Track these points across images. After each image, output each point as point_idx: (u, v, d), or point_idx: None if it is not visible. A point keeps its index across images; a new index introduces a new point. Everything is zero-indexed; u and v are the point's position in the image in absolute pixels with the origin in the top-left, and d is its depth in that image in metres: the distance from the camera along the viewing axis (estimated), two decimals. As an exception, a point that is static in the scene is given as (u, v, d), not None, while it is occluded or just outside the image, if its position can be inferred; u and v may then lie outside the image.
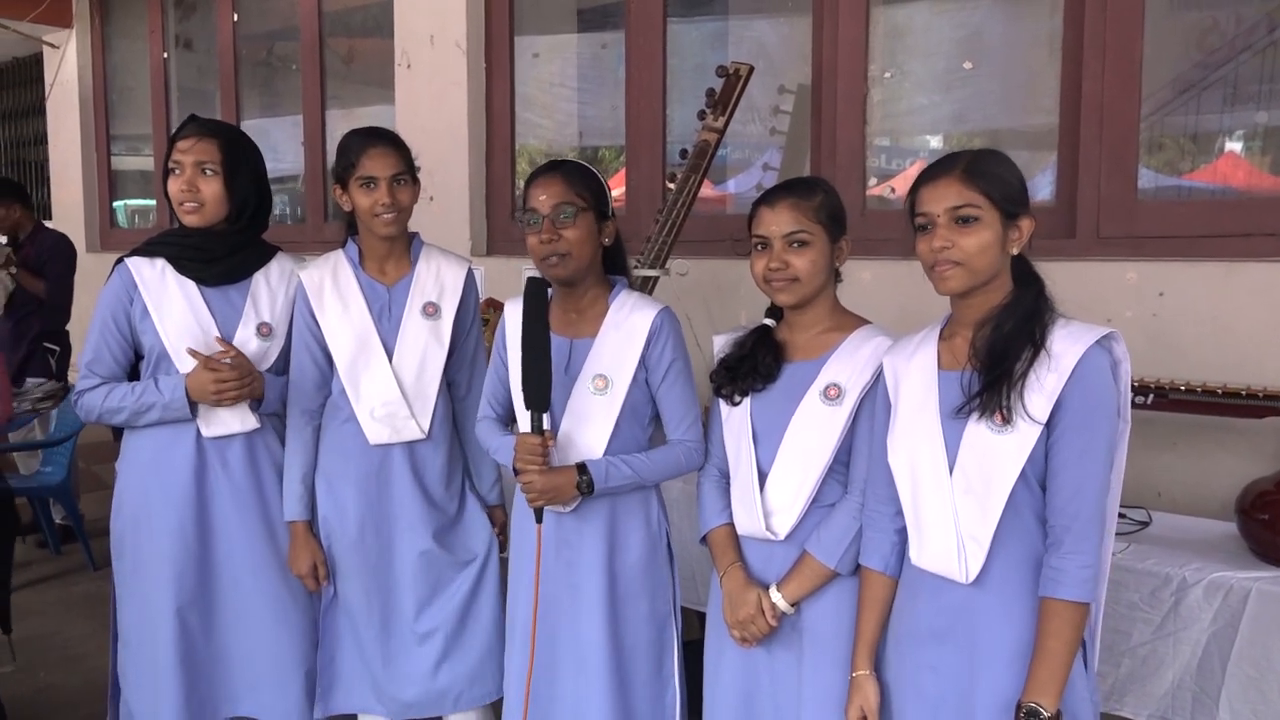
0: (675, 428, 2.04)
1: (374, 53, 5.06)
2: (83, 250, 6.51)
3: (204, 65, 6.18)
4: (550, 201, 1.97)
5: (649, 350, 2.01)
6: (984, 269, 1.58)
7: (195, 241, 2.29)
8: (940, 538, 1.60)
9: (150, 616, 2.29)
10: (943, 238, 1.57)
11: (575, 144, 4.56)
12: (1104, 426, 1.52)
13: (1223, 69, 2.90)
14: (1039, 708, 1.49)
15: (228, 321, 2.29)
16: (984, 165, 1.59)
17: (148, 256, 2.30)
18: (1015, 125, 3.37)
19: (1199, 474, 2.54)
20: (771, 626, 1.84)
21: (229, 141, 2.28)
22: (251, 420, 2.29)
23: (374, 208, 2.20)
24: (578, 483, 1.95)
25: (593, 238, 2.02)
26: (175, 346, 2.24)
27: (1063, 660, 1.50)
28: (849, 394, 1.81)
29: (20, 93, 8.28)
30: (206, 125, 2.29)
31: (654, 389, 2.04)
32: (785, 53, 3.71)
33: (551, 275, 2.02)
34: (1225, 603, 1.96)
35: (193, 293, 2.27)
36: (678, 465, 2.03)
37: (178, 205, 2.25)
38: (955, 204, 1.57)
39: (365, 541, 2.29)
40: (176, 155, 2.24)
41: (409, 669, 2.32)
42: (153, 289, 2.26)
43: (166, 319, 2.25)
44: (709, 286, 3.31)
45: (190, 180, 2.23)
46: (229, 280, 2.31)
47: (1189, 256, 2.69)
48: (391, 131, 2.31)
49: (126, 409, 2.23)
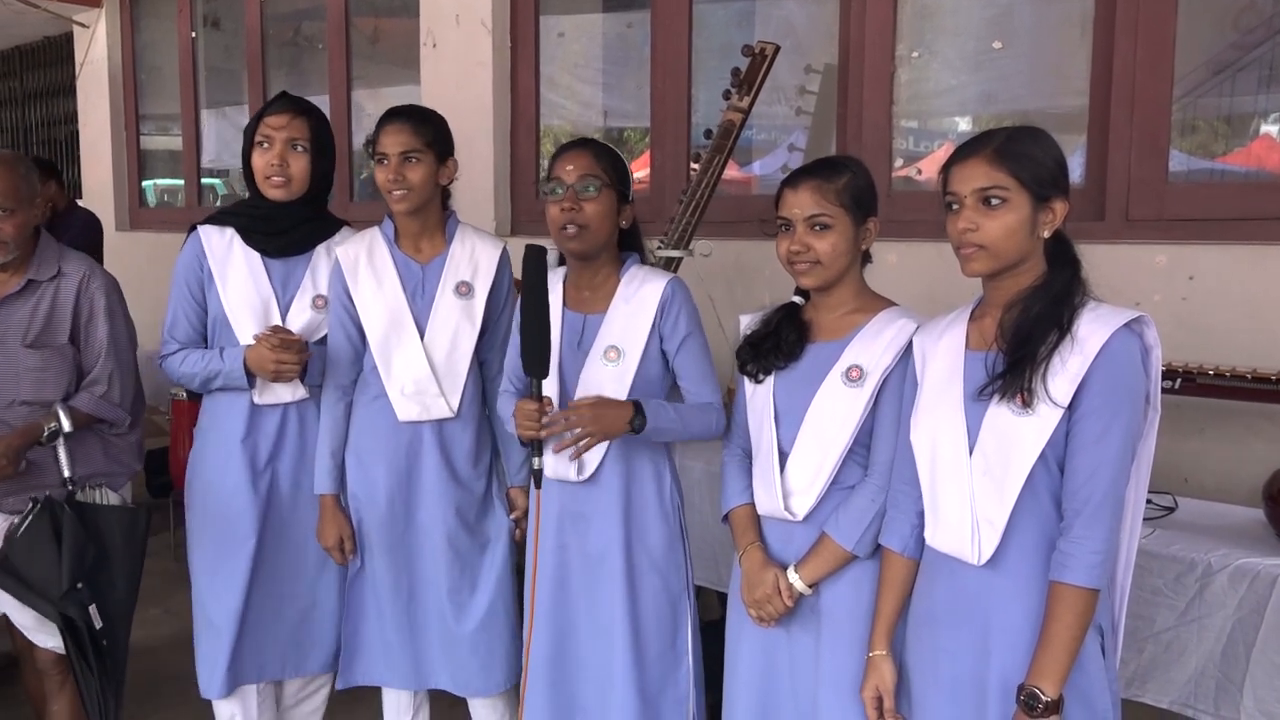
0: (699, 392, 2.06)
1: (400, 33, 5.06)
2: (112, 229, 6.57)
3: (231, 45, 6.20)
4: (576, 173, 2.00)
5: (663, 320, 2.03)
6: (1009, 253, 1.56)
7: (264, 213, 2.36)
8: (955, 519, 1.60)
9: (211, 574, 2.38)
10: (968, 219, 1.55)
11: (600, 124, 4.54)
12: (1125, 411, 1.50)
13: (1258, 49, 2.85)
14: (1039, 692, 1.49)
15: (286, 292, 2.37)
16: (1017, 145, 1.55)
17: (219, 225, 2.39)
18: (1045, 106, 3.33)
19: (1228, 460, 2.52)
20: (787, 607, 1.85)
21: (319, 120, 2.37)
22: (301, 390, 2.36)
23: (384, 184, 2.23)
24: (631, 419, 1.94)
25: (611, 215, 2.03)
26: (235, 314, 2.33)
27: (1066, 645, 1.49)
28: (871, 376, 1.80)
29: (51, 72, 8.33)
30: (299, 103, 2.37)
31: (671, 357, 2.05)
32: (812, 32, 3.67)
33: (567, 248, 2.04)
34: (1251, 589, 1.94)
35: (256, 263, 2.35)
36: (707, 425, 2.05)
37: (264, 179, 2.32)
38: (982, 185, 1.55)
39: (394, 517, 2.31)
40: (267, 130, 2.30)
41: (432, 647, 2.35)
42: (219, 256, 2.35)
43: (229, 287, 2.34)
44: (733, 268, 3.30)
45: (281, 155, 2.29)
46: (293, 252, 2.38)
47: (1219, 240, 2.65)
48: (422, 110, 2.32)
49: (198, 375, 2.34)
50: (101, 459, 2.46)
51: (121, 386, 2.46)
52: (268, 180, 2.31)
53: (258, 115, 2.34)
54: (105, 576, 2.30)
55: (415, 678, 2.38)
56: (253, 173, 2.34)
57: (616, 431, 1.95)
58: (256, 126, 2.32)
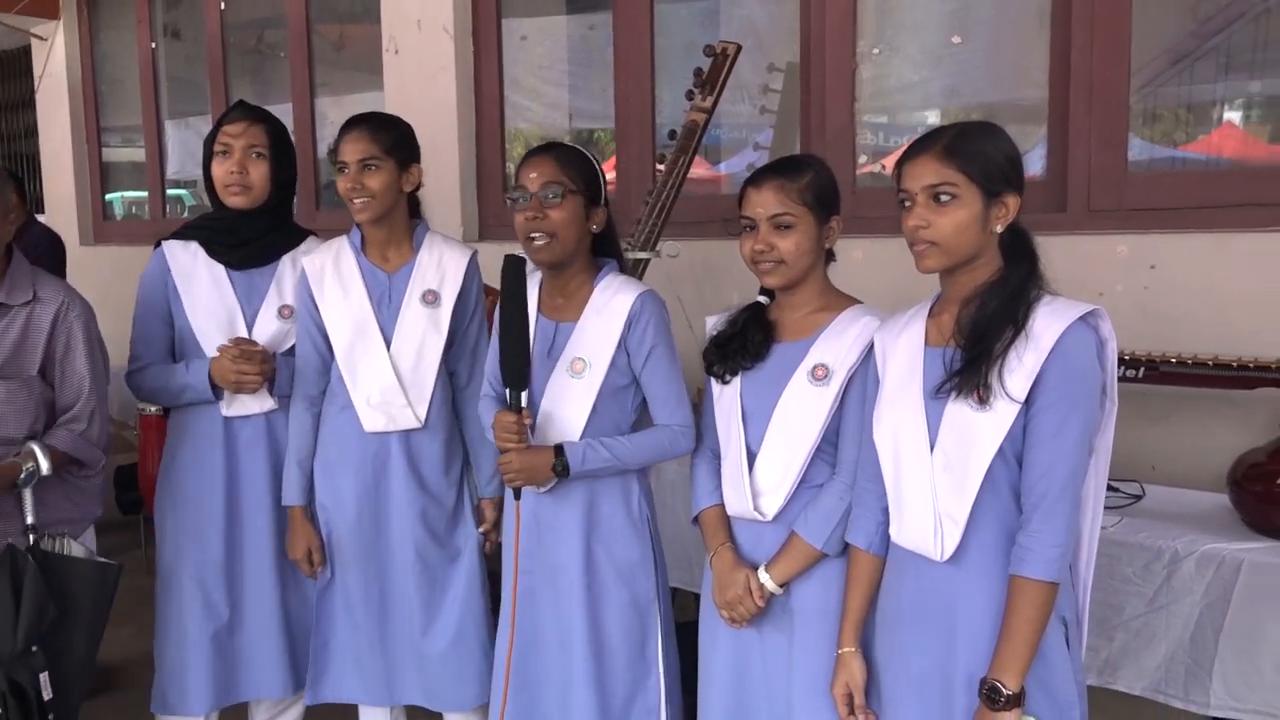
0: (660, 411, 2.04)
1: (363, 39, 5.02)
2: (75, 243, 6.49)
3: (192, 54, 6.13)
4: (539, 180, 1.98)
5: (629, 333, 2.01)
6: (961, 249, 1.56)
7: (227, 224, 2.36)
8: (918, 515, 1.60)
9: (178, 590, 2.36)
10: (919, 216, 1.56)
11: (566, 127, 4.53)
12: (1081, 405, 1.51)
13: (1216, 37, 2.87)
14: (1000, 685, 1.49)
15: (251, 304, 2.37)
16: (966, 142, 1.56)
17: (182, 239, 2.39)
18: (1006, 99, 3.35)
19: (1192, 446, 2.54)
20: (759, 607, 1.84)
21: (276, 127, 2.38)
22: (269, 401, 2.35)
23: (345, 192, 2.22)
24: (553, 464, 1.95)
25: (579, 221, 2.01)
26: (201, 327, 2.33)
27: (1026, 639, 1.49)
28: (836, 374, 1.80)
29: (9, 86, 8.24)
30: (256, 110, 2.38)
31: (637, 373, 2.03)
32: (774, 30, 3.68)
33: (535, 258, 2.02)
34: (1218, 575, 1.96)
35: (220, 275, 2.36)
36: (662, 449, 2.03)
37: (224, 187, 2.32)
38: (931, 182, 1.55)
39: (363, 529, 2.30)
40: (225, 139, 2.30)
41: (404, 660, 2.33)
42: (184, 271, 2.35)
43: (193, 300, 2.34)
44: (701, 268, 3.30)
45: (240, 163, 2.30)
46: (257, 264, 2.38)
47: (1180, 228, 2.67)
48: (383, 116, 2.31)
49: (165, 390, 2.35)
50: (65, 504, 2.22)
51: (101, 425, 2.24)
52: (228, 189, 2.31)
53: (216, 125, 2.34)
54: (64, 637, 2.04)
55: (387, 693, 2.35)
56: (213, 183, 2.34)
57: (540, 477, 1.97)
58: (215, 136, 2.32)
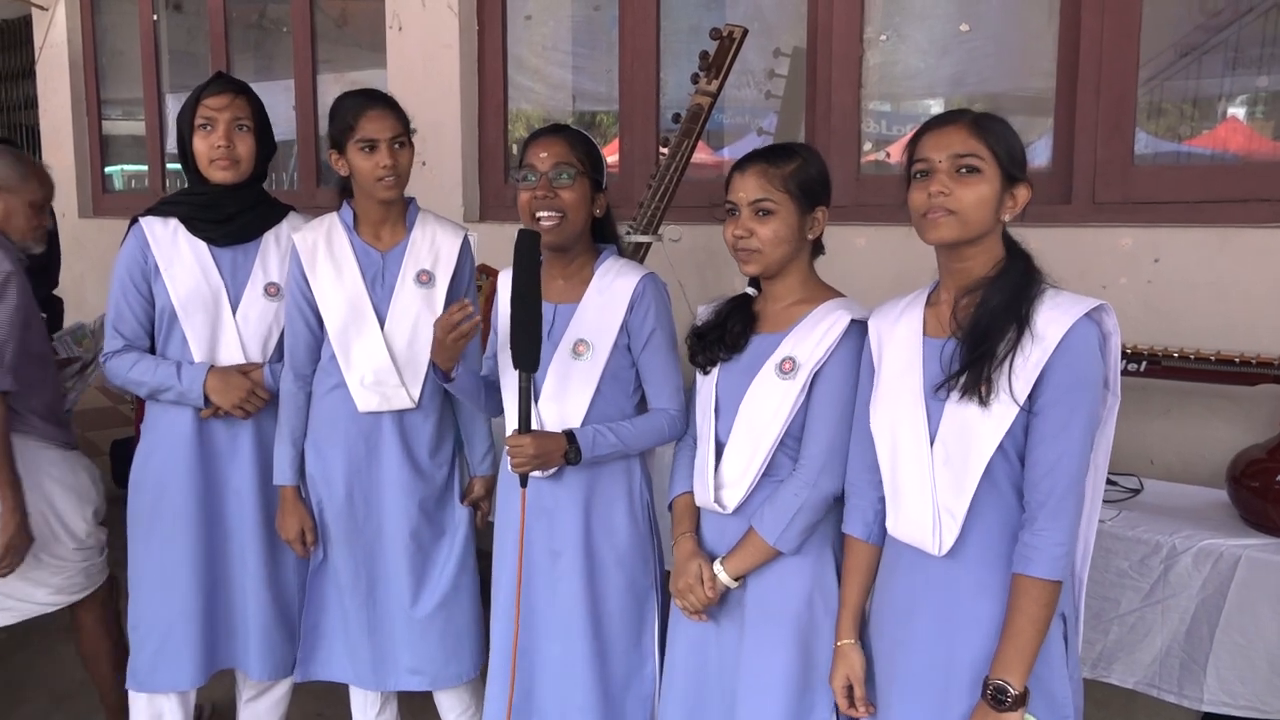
0: (657, 395, 2.03)
1: (366, 15, 4.99)
2: (75, 215, 6.47)
3: (194, 28, 6.09)
4: (550, 160, 1.96)
5: (631, 315, 2.00)
6: (977, 223, 1.54)
7: (208, 200, 2.31)
8: (917, 509, 1.59)
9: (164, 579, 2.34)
10: (941, 183, 1.54)
11: (569, 108, 4.50)
12: (1085, 402, 1.49)
13: (1225, 31, 2.86)
14: (1006, 685, 1.48)
15: (236, 281, 2.33)
16: (993, 123, 1.57)
17: (161, 216, 2.33)
18: (1013, 89, 3.33)
19: (1192, 441, 2.54)
20: (709, 598, 1.83)
21: (257, 101, 2.33)
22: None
23: (375, 171, 2.16)
24: (565, 451, 1.94)
25: (586, 204, 2.01)
26: (185, 306, 2.28)
27: (1030, 638, 1.48)
28: (802, 368, 1.78)
29: (10, 56, 8.19)
30: (236, 83, 2.33)
31: (635, 356, 2.02)
32: (781, 14, 3.65)
33: (542, 238, 2.00)
34: (1214, 570, 1.96)
35: (203, 252, 2.31)
36: (660, 434, 2.02)
37: (210, 162, 2.27)
38: (960, 151, 1.54)
39: (354, 508, 2.29)
40: (208, 112, 2.25)
41: (395, 639, 2.32)
42: (164, 247, 2.30)
43: (176, 278, 2.29)
44: (703, 253, 3.28)
45: (227, 136, 2.25)
46: (239, 240, 2.34)
47: (1185, 222, 2.67)
48: (386, 93, 2.28)
49: (147, 384, 2.29)
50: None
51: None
52: (214, 164, 2.26)
53: (193, 98, 2.28)
54: None
55: (375, 676, 2.35)
56: (193, 158, 2.29)
57: (553, 462, 1.96)
58: (195, 110, 2.26)
